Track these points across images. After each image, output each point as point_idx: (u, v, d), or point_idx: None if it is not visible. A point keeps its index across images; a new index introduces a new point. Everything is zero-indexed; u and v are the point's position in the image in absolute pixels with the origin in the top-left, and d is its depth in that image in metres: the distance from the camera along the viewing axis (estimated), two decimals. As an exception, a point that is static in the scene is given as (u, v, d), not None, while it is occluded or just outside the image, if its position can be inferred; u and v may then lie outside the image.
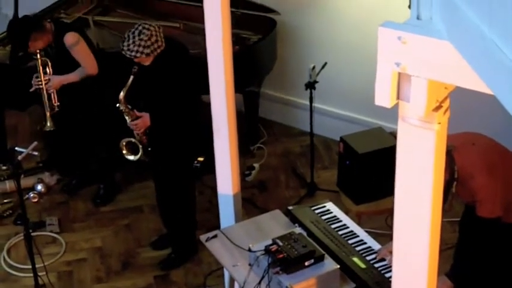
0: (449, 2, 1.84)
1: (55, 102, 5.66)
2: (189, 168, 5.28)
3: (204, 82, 4.42)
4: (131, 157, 5.17)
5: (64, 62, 5.56)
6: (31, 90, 5.67)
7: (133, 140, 5.11)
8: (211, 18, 4.12)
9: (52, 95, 5.64)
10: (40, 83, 5.58)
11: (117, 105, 4.98)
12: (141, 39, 4.73)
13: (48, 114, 5.67)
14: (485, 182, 3.97)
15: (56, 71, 5.61)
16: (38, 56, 5.56)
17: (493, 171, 4.00)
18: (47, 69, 5.61)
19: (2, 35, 6.46)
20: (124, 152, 5.16)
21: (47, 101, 5.65)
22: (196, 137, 5.12)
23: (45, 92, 5.61)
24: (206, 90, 4.40)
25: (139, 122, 5.05)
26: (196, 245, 5.36)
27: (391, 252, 4.20)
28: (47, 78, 5.58)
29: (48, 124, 5.67)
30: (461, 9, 1.77)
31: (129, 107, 4.99)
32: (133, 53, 4.75)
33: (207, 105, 4.48)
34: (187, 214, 5.37)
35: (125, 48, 4.76)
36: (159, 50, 4.80)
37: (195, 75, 4.96)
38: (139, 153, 5.12)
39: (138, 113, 5.06)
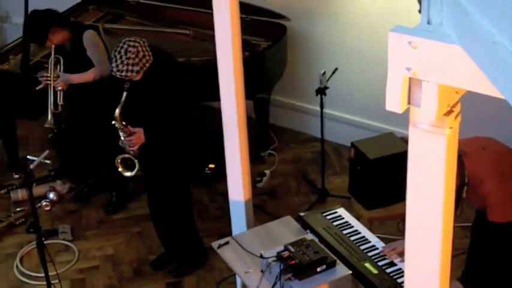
0: (460, 7, 1.84)
1: (60, 102, 5.63)
2: (183, 176, 5.23)
3: (213, 88, 4.42)
4: (128, 173, 5.08)
5: (77, 62, 5.58)
6: (37, 88, 5.66)
7: (127, 155, 5.01)
8: (221, 25, 4.12)
9: (58, 93, 5.61)
10: (49, 78, 5.58)
11: (113, 122, 4.92)
12: (128, 58, 4.66)
13: (50, 111, 5.64)
14: (496, 186, 3.95)
15: (67, 72, 5.62)
16: (52, 50, 5.58)
17: (504, 176, 3.98)
18: (58, 67, 5.63)
19: (13, 44, 6.50)
20: (120, 169, 5.08)
21: (52, 98, 5.62)
22: (189, 145, 5.09)
23: (52, 88, 5.60)
24: (216, 96, 4.40)
25: (134, 138, 4.94)
26: (205, 250, 5.36)
27: (394, 250, 4.21)
28: (56, 75, 5.58)
29: (49, 121, 5.64)
30: (472, 13, 1.77)
31: (124, 123, 4.92)
32: (123, 73, 4.67)
33: (218, 112, 4.48)
34: (186, 222, 5.35)
35: (114, 69, 4.68)
36: (148, 65, 4.73)
37: (185, 83, 4.94)
38: (136, 168, 5.04)
39: (132, 129, 4.95)
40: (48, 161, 4.93)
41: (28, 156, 4.80)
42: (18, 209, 6.05)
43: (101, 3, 6.72)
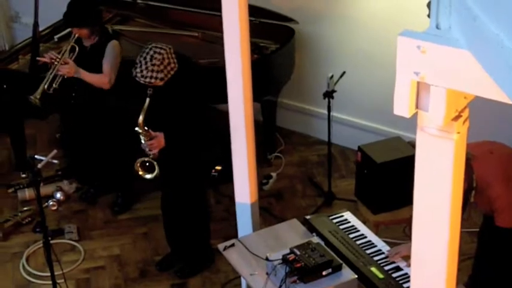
0: (469, 12, 1.84)
1: (55, 85, 5.62)
2: (202, 177, 5.26)
3: (221, 90, 4.42)
4: (148, 176, 5.09)
5: (89, 64, 5.60)
6: (39, 59, 5.70)
7: (146, 159, 5.04)
8: (229, 27, 4.13)
9: (58, 77, 5.61)
10: (58, 60, 5.59)
11: (136, 128, 4.94)
12: (153, 65, 4.67)
13: (42, 87, 5.61)
14: (504, 191, 3.95)
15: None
16: (74, 36, 5.63)
17: (511, 180, 3.98)
18: (71, 55, 5.65)
19: (23, 44, 6.52)
20: (140, 172, 5.09)
21: (50, 77, 5.61)
22: (209, 144, 5.10)
23: (55, 70, 5.60)
24: (224, 99, 4.41)
25: (155, 142, 4.96)
26: (213, 253, 5.37)
27: (398, 254, 4.20)
28: (65, 60, 5.60)
29: (36, 94, 5.59)
30: (480, 18, 1.77)
31: (146, 128, 4.95)
32: (147, 79, 4.69)
33: (225, 114, 4.49)
34: (201, 224, 5.36)
35: (138, 74, 4.69)
36: (172, 72, 4.76)
37: (204, 85, 4.95)
38: (156, 170, 5.05)
39: (153, 133, 4.97)
40: (55, 161, 4.93)
41: (36, 156, 4.80)
42: (25, 208, 6.07)
43: (110, 5, 6.73)
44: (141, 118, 4.87)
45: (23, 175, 6.35)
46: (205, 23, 6.47)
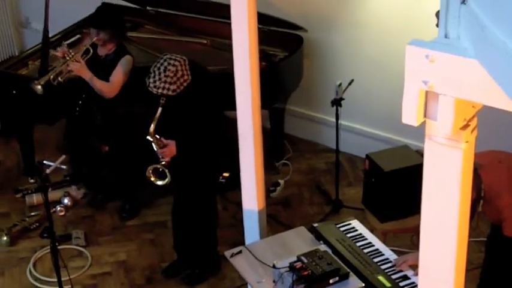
0: (477, 21, 1.84)
1: (61, 78, 5.65)
2: (213, 185, 5.28)
3: (229, 98, 4.43)
4: (160, 182, 5.11)
5: (100, 72, 5.63)
6: (52, 51, 5.76)
7: (158, 166, 5.05)
8: (238, 35, 4.13)
9: (65, 72, 5.64)
10: (70, 56, 5.62)
11: (147, 137, 4.96)
12: (167, 76, 4.72)
13: (48, 76, 5.63)
14: (511, 200, 3.94)
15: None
16: (92, 40, 5.67)
17: (520, 190, 3.97)
18: (84, 56, 5.68)
19: (33, 49, 6.55)
20: (152, 179, 5.11)
21: (57, 69, 5.64)
22: (221, 152, 5.12)
23: (64, 64, 5.62)
24: (232, 106, 4.42)
25: (166, 150, 5.00)
26: (219, 260, 5.37)
27: (405, 263, 4.19)
28: (78, 59, 5.62)
29: (41, 83, 5.59)
30: (489, 27, 1.77)
31: (157, 136, 4.98)
32: (159, 90, 4.73)
33: (233, 121, 4.49)
34: (209, 232, 5.37)
35: (151, 85, 4.74)
36: (185, 84, 4.79)
37: (217, 94, 4.97)
38: (168, 177, 5.06)
39: (165, 141, 5.01)
40: (64, 166, 4.95)
41: (44, 161, 4.82)
42: (32, 213, 6.09)
43: (121, 11, 6.75)
44: (152, 127, 4.90)
45: (31, 180, 6.38)
46: (214, 30, 6.49)
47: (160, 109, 4.84)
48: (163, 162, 5.01)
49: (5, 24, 8.12)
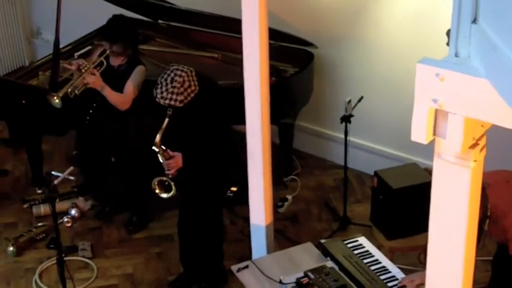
0: (488, 40, 1.84)
1: (77, 91, 5.65)
2: (220, 199, 5.28)
3: (239, 112, 4.44)
4: (164, 195, 5.10)
5: (113, 82, 5.66)
6: (65, 65, 5.77)
7: (164, 178, 5.06)
8: (249, 50, 4.15)
9: (82, 85, 5.64)
10: (86, 68, 5.64)
11: (153, 147, 4.97)
12: (174, 87, 4.74)
13: (65, 90, 5.63)
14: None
15: None
16: (106, 52, 5.71)
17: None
18: (97, 68, 5.70)
19: (43, 60, 6.57)
20: (157, 191, 5.11)
21: (74, 82, 5.65)
22: (229, 166, 5.12)
23: (80, 77, 5.63)
24: (242, 120, 4.42)
25: (172, 161, 5.00)
26: (226, 274, 5.36)
27: (412, 282, 4.18)
28: (93, 71, 5.65)
29: (60, 95, 5.59)
30: (500, 47, 1.77)
31: (163, 147, 4.98)
32: (166, 101, 4.76)
33: (243, 136, 4.50)
34: (215, 245, 5.36)
35: (158, 95, 4.76)
36: (192, 95, 4.80)
37: (226, 107, 4.97)
38: (173, 190, 5.06)
39: (171, 153, 5.00)
40: (72, 177, 4.95)
41: (52, 172, 4.83)
42: (39, 224, 6.09)
43: (132, 24, 6.77)
44: (158, 137, 4.90)
45: (39, 191, 6.38)
46: (226, 45, 6.50)
47: (167, 120, 4.85)
48: (169, 175, 5.02)
49: (16, 34, 8.15)
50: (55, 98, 5.60)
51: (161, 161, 5.00)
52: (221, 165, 5.08)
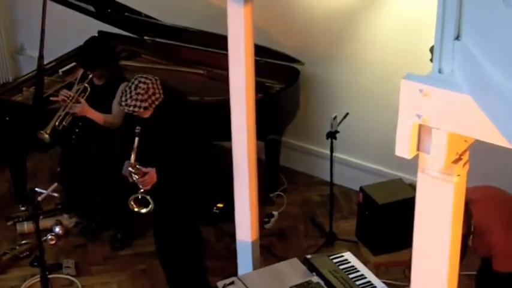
0: (471, 57, 1.86)
1: (65, 122, 5.63)
2: (194, 211, 5.25)
3: (226, 128, 4.44)
4: (144, 210, 5.04)
5: (98, 100, 5.64)
6: (52, 99, 5.73)
7: (138, 195, 5.01)
8: (235, 66, 4.16)
9: (67, 116, 5.62)
10: (70, 98, 5.63)
11: (129, 168, 4.93)
12: (138, 94, 4.73)
13: (53, 123, 5.61)
14: (503, 236, 3.95)
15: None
16: (89, 78, 5.67)
17: (510, 226, 3.98)
18: (82, 95, 5.69)
19: (27, 76, 6.56)
20: (136, 209, 5.07)
21: (61, 115, 5.61)
22: (199, 183, 5.11)
23: (67, 108, 5.62)
24: (228, 136, 4.42)
25: (147, 178, 4.95)
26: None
27: None
28: (78, 100, 5.63)
29: (48, 132, 5.58)
30: (482, 64, 1.79)
31: (137, 166, 4.94)
32: (131, 108, 4.74)
33: (229, 152, 4.50)
34: (194, 261, 5.33)
35: (123, 103, 4.76)
36: (157, 102, 4.79)
37: (196, 121, 4.97)
38: (151, 203, 5.03)
39: (144, 169, 4.96)
40: (56, 194, 4.94)
41: (36, 189, 4.81)
42: (23, 242, 6.05)
43: (117, 40, 6.79)
44: (132, 158, 4.85)
45: (23, 208, 6.34)
46: (211, 61, 6.51)
47: (137, 139, 4.83)
48: (141, 190, 4.99)
49: (0, 50, 8.14)
50: (43, 134, 5.59)
51: (135, 179, 4.95)
52: (194, 176, 5.05)
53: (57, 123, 5.61)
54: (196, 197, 5.16)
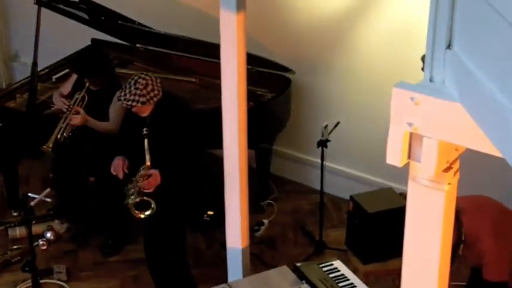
0: (462, 66, 1.88)
1: (66, 134, 5.67)
2: (181, 220, 5.26)
3: (217, 136, 4.46)
4: (148, 212, 5.03)
5: (96, 107, 5.66)
6: (52, 109, 5.78)
7: (138, 199, 5.04)
8: (227, 74, 4.18)
9: (68, 126, 5.66)
10: (69, 109, 5.64)
11: (141, 169, 4.98)
12: (136, 88, 4.84)
13: (54, 136, 5.65)
14: (492, 245, 3.97)
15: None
16: (86, 87, 5.70)
17: (501, 235, 4.00)
18: (80, 104, 5.70)
19: (21, 83, 6.56)
20: (141, 216, 5.05)
21: (62, 127, 5.66)
22: (198, 185, 5.14)
23: (66, 119, 5.65)
24: (220, 144, 4.44)
25: (152, 180, 5.00)
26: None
27: None
28: (77, 110, 5.65)
29: (50, 145, 5.62)
30: (474, 73, 1.81)
31: (146, 169, 5.00)
32: (129, 102, 4.85)
33: (220, 159, 4.51)
34: (180, 267, 5.34)
35: (122, 98, 4.87)
36: (155, 99, 4.89)
37: (197, 128, 5.02)
38: (152, 204, 5.05)
39: (149, 172, 5.01)
40: (48, 199, 4.95)
41: (29, 194, 4.81)
42: (15, 247, 6.04)
43: (110, 48, 6.80)
44: (147, 159, 4.94)
45: (15, 213, 6.34)
46: (203, 69, 6.53)
47: (146, 140, 4.90)
48: (138, 196, 5.01)
49: (-7, 57, 8.16)
50: (46, 149, 5.63)
51: (140, 182, 4.98)
52: (191, 180, 5.08)
53: (58, 136, 5.64)
54: (190, 200, 5.19)
